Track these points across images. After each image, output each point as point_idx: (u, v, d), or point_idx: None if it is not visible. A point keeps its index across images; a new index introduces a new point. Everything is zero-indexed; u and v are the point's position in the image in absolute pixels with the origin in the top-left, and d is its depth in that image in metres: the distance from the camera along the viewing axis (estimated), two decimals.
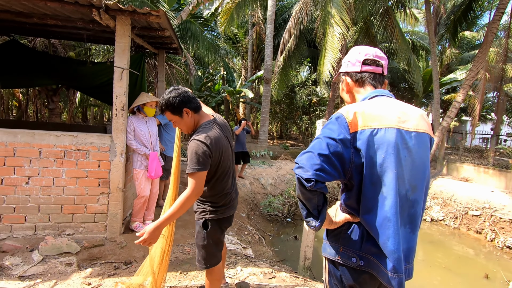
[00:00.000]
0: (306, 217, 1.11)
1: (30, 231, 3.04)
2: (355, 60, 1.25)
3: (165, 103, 1.75)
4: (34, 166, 2.98)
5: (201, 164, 1.66)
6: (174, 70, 7.82)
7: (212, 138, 1.71)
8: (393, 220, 1.04)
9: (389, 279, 1.04)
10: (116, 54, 3.09)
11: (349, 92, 1.29)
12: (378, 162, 1.06)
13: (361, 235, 1.12)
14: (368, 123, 1.08)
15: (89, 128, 6.99)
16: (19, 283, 2.35)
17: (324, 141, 1.06)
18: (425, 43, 16.26)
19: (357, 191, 1.11)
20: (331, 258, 1.18)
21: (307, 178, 1.02)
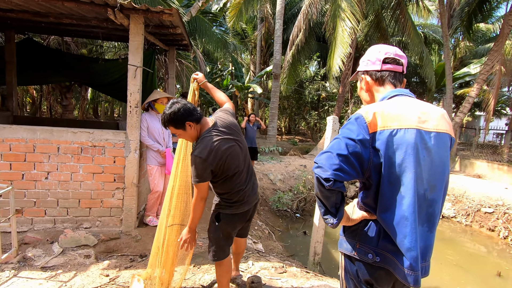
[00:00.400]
0: (324, 215, 1.14)
1: (49, 224, 3.16)
2: (375, 59, 1.25)
3: (167, 119, 1.79)
4: (53, 162, 3.08)
5: (200, 177, 1.77)
6: (184, 67, 7.88)
7: (209, 150, 1.75)
8: (410, 219, 1.06)
9: (406, 275, 1.07)
10: (130, 52, 3.15)
11: (368, 91, 1.30)
12: (397, 162, 1.07)
13: (377, 232, 1.15)
14: (387, 124, 1.09)
15: (102, 125, 7.13)
16: (41, 273, 2.47)
17: (343, 142, 1.08)
18: (438, 36, 15.88)
19: (375, 190, 1.13)
20: (348, 254, 1.21)
21: (326, 177, 1.04)
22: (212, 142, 1.77)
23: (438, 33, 16.51)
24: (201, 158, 1.73)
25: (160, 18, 3.04)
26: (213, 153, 1.75)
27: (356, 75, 1.38)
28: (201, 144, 1.77)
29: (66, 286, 2.32)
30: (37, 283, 2.33)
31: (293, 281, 2.65)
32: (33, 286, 2.28)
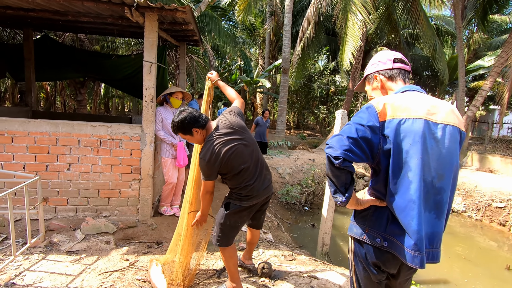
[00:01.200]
0: (333, 193, 1.24)
1: (71, 212, 3.35)
2: (386, 59, 1.37)
3: (176, 126, 1.99)
4: (74, 154, 3.26)
5: (205, 175, 1.99)
6: (194, 62, 7.99)
7: (210, 153, 1.93)
8: (417, 202, 1.15)
9: (412, 257, 1.15)
10: (145, 49, 3.27)
11: (382, 89, 1.39)
12: (404, 149, 1.17)
13: (386, 218, 1.24)
14: (396, 113, 1.19)
15: (115, 119, 7.35)
16: (67, 257, 2.65)
17: (353, 127, 1.19)
18: (451, 28, 15.53)
19: (384, 175, 1.22)
20: (357, 238, 1.31)
21: (335, 156, 1.14)
22: (213, 146, 1.93)
23: (451, 25, 16.14)
24: (204, 161, 1.93)
25: (173, 15, 3.15)
26: (214, 156, 1.92)
27: (363, 81, 1.48)
28: (204, 148, 1.96)
29: (90, 269, 2.49)
30: (63, 265, 2.51)
31: (301, 268, 2.76)
32: (60, 268, 2.46)
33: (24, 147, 3.16)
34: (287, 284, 2.45)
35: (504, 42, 9.97)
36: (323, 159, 9.78)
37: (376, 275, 1.27)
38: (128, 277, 2.42)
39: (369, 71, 1.43)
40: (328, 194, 4.20)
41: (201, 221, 2.19)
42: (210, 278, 2.49)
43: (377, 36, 15.48)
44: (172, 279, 2.25)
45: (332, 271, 2.77)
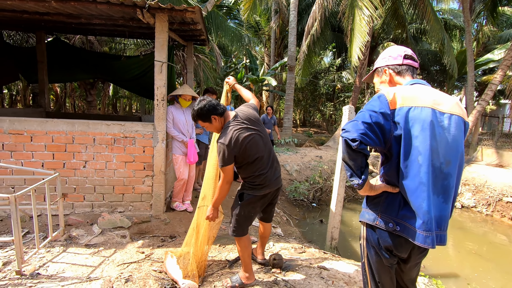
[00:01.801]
0: (350, 177, 1.31)
1: (88, 208, 3.48)
2: (397, 55, 1.44)
3: (196, 114, 2.11)
4: (89, 152, 3.38)
5: (225, 161, 2.02)
6: (201, 61, 8.09)
7: (230, 137, 2.00)
8: (427, 185, 1.22)
9: (424, 238, 1.21)
10: (156, 49, 3.37)
11: (390, 83, 1.46)
12: (414, 135, 1.24)
13: (398, 204, 1.31)
14: (406, 102, 1.27)
15: (125, 119, 7.49)
16: (86, 250, 2.77)
17: (367, 113, 1.27)
18: (459, 22, 15.30)
19: (396, 160, 1.30)
20: (370, 223, 1.37)
21: (352, 138, 1.22)
22: (233, 131, 2.02)
23: (459, 18, 15.90)
24: (224, 145, 1.99)
25: (183, 15, 3.24)
26: (234, 140, 2.00)
27: (372, 73, 1.54)
28: (224, 133, 2.04)
29: (109, 260, 2.61)
30: (83, 257, 2.63)
31: (311, 259, 2.83)
32: (80, 260, 2.58)
33: (42, 146, 3.29)
34: (298, 274, 2.52)
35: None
36: (330, 156, 9.80)
37: (388, 259, 1.33)
38: (144, 268, 2.52)
39: (379, 64, 1.50)
40: (336, 189, 4.25)
41: (214, 216, 2.23)
42: (223, 268, 2.58)
43: (383, 32, 15.34)
44: (187, 270, 2.34)
45: (341, 262, 2.83)
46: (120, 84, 8.44)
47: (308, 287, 2.34)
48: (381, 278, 1.36)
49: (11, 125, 3.22)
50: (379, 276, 1.36)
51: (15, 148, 3.25)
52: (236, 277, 2.31)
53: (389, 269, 1.35)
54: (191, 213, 3.82)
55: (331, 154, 10.08)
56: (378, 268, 1.36)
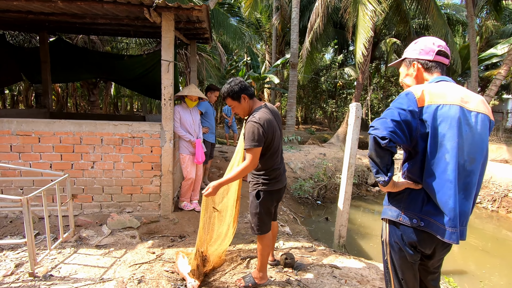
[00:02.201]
0: (376, 174, 1.31)
1: (97, 209, 3.48)
2: (429, 49, 1.40)
3: (226, 91, 2.12)
4: (97, 152, 3.38)
5: (257, 141, 1.97)
6: (203, 59, 8.06)
7: (265, 120, 2.02)
8: (454, 182, 1.22)
9: (450, 234, 1.22)
10: (162, 48, 3.35)
11: (416, 78, 1.43)
12: (441, 133, 1.23)
13: (421, 200, 1.30)
14: (434, 100, 1.25)
15: (129, 118, 7.49)
16: (97, 251, 2.77)
17: (396, 111, 1.26)
18: (462, 17, 15.19)
19: (421, 157, 1.29)
20: (393, 220, 1.36)
21: (382, 136, 1.21)
22: (266, 114, 2.07)
23: (461, 13, 15.79)
24: (259, 124, 1.98)
25: (189, 14, 3.21)
26: (267, 123, 2.02)
27: (401, 61, 1.51)
28: (258, 114, 2.04)
29: (120, 261, 2.60)
30: (95, 258, 2.63)
31: (322, 258, 2.83)
32: (92, 261, 2.58)
33: (50, 147, 3.28)
34: (310, 274, 2.51)
35: None
36: (334, 153, 9.78)
37: (412, 255, 1.33)
38: (156, 269, 2.52)
39: (410, 55, 1.46)
40: (344, 187, 4.24)
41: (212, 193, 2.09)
42: (236, 267, 2.58)
43: (385, 27, 15.26)
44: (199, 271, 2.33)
45: (352, 260, 2.82)
46: (123, 84, 8.43)
47: (321, 286, 2.33)
48: (404, 275, 1.35)
49: (19, 126, 3.21)
50: (403, 273, 1.35)
51: (23, 150, 3.24)
52: (249, 277, 2.30)
53: (412, 265, 1.35)
54: (199, 212, 3.81)
55: (335, 151, 10.06)
56: (401, 265, 1.36)
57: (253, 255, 2.78)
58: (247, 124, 2.03)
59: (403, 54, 1.52)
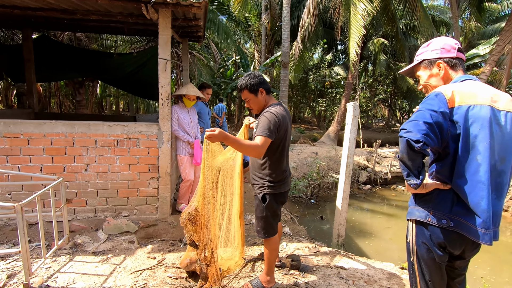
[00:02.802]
0: (407, 177, 1.28)
1: (91, 213, 3.34)
2: (450, 47, 1.39)
3: (245, 82, 2.07)
4: (91, 154, 3.23)
5: (271, 132, 1.91)
6: (195, 58, 7.92)
7: (281, 115, 2.00)
8: (486, 183, 1.20)
9: (483, 235, 1.21)
10: (160, 46, 3.23)
11: (443, 77, 1.40)
12: (473, 134, 1.22)
13: (451, 200, 1.29)
14: (464, 100, 1.24)
15: (118, 118, 7.26)
16: (94, 257, 2.65)
17: (427, 112, 1.23)
18: (446, 18, 15.62)
19: (452, 159, 1.27)
20: (421, 220, 1.34)
21: (416, 139, 1.18)
22: (282, 109, 2.06)
23: (445, 14, 16.24)
24: (276, 116, 1.95)
25: (187, 11, 3.12)
26: (282, 116, 2.00)
27: (415, 66, 1.49)
28: (275, 108, 2.02)
29: (120, 268, 2.49)
30: (93, 265, 2.51)
31: (327, 259, 2.81)
32: (90, 269, 2.46)
33: (40, 149, 3.11)
34: (317, 275, 2.49)
35: (501, 31, 10.09)
36: (325, 152, 9.85)
37: (441, 256, 1.31)
38: (159, 275, 2.42)
39: (430, 56, 1.43)
40: (342, 186, 4.24)
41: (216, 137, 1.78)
42: (241, 271, 2.52)
43: (372, 28, 15.52)
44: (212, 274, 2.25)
45: (356, 261, 2.82)
46: (111, 83, 8.17)
47: (330, 287, 2.31)
48: (432, 276, 1.34)
49: (6, 128, 3.03)
50: (430, 275, 1.34)
51: (11, 152, 3.06)
52: (257, 281, 2.25)
53: (440, 266, 1.33)
54: None
55: (327, 150, 10.14)
56: (429, 266, 1.34)
57: (257, 257, 2.73)
58: (264, 114, 1.98)
59: (418, 57, 1.49)
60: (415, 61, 1.51)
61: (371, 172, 9.27)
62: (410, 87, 14.86)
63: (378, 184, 9.17)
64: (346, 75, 16.18)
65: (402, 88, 15.17)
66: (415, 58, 1.53)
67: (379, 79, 15.70)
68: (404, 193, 8.88)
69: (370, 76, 16.46)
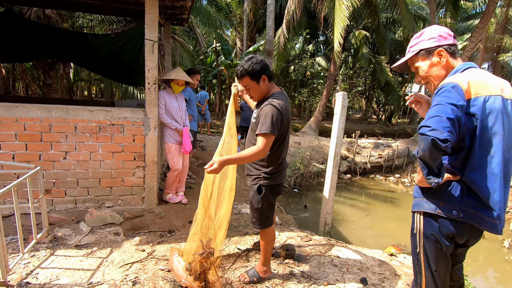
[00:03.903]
0: (427, 175, 1.23)
1: (71, 204, 3.12)
2: (447, 34, 1.35)
3: (247, 68, 1.88)
4: (70, 142, 2.99)
5: (274, 128, 1.82)
6: (177, 43, 7.57)
7: (284, 107, 1.90)
8: (499, 175, 1.20)
9: (493, 225, 1.22)
10: (146, 26, 3.02)
11: (444, 66, 1.36)
12: (489, 126, 1.20)
13: (461, 191, 1.27)
14: (479, 91, 1.21)
15: (97, 103, 6.84)
16: (77, 251, 2.48)
17: (448, 107, 1.18)
18: (423, 13, 16.09)
19: (466, 152, 1.25)
20: (431, 212, 1.33)
21: (444, 138, 1.12)
22: (285, 101, 1.95)
23: (423, 10, 16.72)
24: (280, 109, 1.85)
25: None
26: (285, 109, 1.90)
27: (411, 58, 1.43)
28: (277, 99, 1.89)
29: (108, 262, 2.36)
30: (77, 260, 2.35)
31: (319, 247, 2.83)
32: (74, 263, 2.30)
33: (12, 135, 2.83)
34: (311, 263, 2.49)
35: (474, 28, 10.55)
36: (308, 142, 9.95)
37: (448, 247, 1.32)
38: (150, 268, 2.32)
39: (428, 45, 1.37)
40: (329, 175, 4.29)
41: (219, 169, 1.73)
42: (236, 262, 2.47)
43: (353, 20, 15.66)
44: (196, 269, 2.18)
45: (348, 248, 2.86)
46: (86, 66, 7.63)
47: (325, 276, 2.33)
48: (438, 266, 1.35)
49: None
50: (436, 264, 1.35)
51: None
52: (253, 271, 2.21)
53: (446, 256, 1.35)
54: (185, 205, 3.62)
55: (309, 140, 10.24)
56: (436, 257, 1.35)
57: (251, 247, 2.69)
58: (266, 107, 1.86)
59: (413, 48, 1.43)
60: (410, 53, 1.45)
61: (351, 162, 9.50)
62: (388, 80, 15.27)
63: (357, 173, 9.44)
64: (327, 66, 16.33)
65: (381, 81, 15.55)
66: (409, 50, 1.46)
67: (358, 71, 16.00)
68: (382, 183, 9.23)
69: (350, 68, 16.72)
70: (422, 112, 1.55)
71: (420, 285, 1.40)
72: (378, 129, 17.39)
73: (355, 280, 2.28)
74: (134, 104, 6.00)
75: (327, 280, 2.27)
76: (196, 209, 3.54)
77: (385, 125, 18.59)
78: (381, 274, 2.40)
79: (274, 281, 2.22)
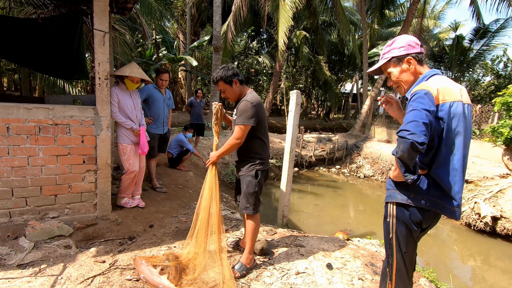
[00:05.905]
0: (404, 173, 1.39)
1: (4, 218, 2.66)
2: (414, 43, 1.54)
3: (220, 74, 2.23)
4: (1, 145, 2.55)
5: (249, 118, 2.14)
6: (117, 33, 6.93)
7: (256, 100, 2.22)
8: (459, 170, 1.43)
9: (453, 212, 1.45)
10: (95, 15, 2.72)
11: (413, 72, 1.55)
12: (453, 128, 1.41)
13: (428, 184, 1.48)
14: (445, 97, 1.41)
15: (22, 100, 5.89)
16: (22, 271, 2.15)
17: (423, 112, 1.34)
18: (354, 18, 17.71)
19: (434, 151, 1.45)
20: (403, 202, 1.52)
21: (421, 141, 1.28)
22: (257, 97, 2.27)
23: (354, 16, 18.40)
24: (252, 103, 2.16)
25: None
26: (258, 102, 2.21)
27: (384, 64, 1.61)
28: (251, 95, 2.23)
29: (63, 279, 2.10)
30: (24, 281, 2.03)
31: (285, 239, 2.97)
32: (21, 285, 1.99)
33: None
34: (281, 255, 2.61)
35: (398, 33, 12.03)
36: None
37: (416, 231, 1.53)
38: (115, 279, 2.14)
39: (399, 53, 1.55)
40: (286, 170, 4.49)
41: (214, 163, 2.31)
42: None
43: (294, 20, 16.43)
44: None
45: (310, 237, 3.06)
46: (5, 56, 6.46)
47: (295, 265, 2.46)
48: (407, 248, 1.56)
49: None
50: (406, 247, 1.55)
51: None
52: (239, 265, 2.31)
53: (414, 239, 1.56)
54: (143, 208, 3.40)
55: None
56: (406, 241, 1.55)
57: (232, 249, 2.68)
58: (241, 103, 2.18)
59: (386, 55, 1.61)
60: (383, 59, 1.62)
61: (297, 156, 10.04)
62: (326, 78, 16.44)
63: (304, 166, 10.03)
64: (271, 64, 16.84)
65: (320, 80, 16.66)
66: (382, 57, 1.64)
67: (299, 70, 16.89)
68: (325, 174, 9.99)
69: (293, 66, 17.53)
70: (392, 112, 1.75)
71: (391, 265, 1.60)
72: (319, 124, 18.66)
73: (322, 266, 2.47)
74: (70, 100, 5.29)
75: (297, 269, 2.41)
76: (156, 211, 3.41)
77: (324, 120, 20.04)
78: (343, 258, 2.64)
79: (248, 277, 2.27)
